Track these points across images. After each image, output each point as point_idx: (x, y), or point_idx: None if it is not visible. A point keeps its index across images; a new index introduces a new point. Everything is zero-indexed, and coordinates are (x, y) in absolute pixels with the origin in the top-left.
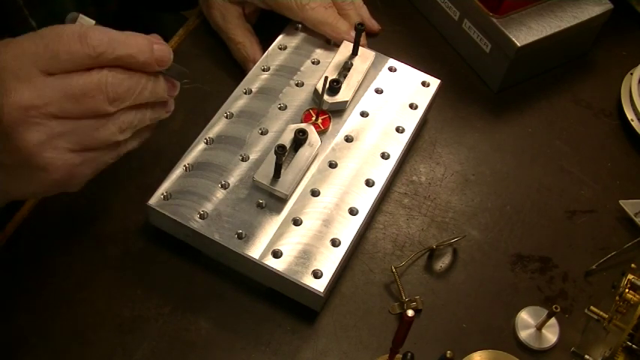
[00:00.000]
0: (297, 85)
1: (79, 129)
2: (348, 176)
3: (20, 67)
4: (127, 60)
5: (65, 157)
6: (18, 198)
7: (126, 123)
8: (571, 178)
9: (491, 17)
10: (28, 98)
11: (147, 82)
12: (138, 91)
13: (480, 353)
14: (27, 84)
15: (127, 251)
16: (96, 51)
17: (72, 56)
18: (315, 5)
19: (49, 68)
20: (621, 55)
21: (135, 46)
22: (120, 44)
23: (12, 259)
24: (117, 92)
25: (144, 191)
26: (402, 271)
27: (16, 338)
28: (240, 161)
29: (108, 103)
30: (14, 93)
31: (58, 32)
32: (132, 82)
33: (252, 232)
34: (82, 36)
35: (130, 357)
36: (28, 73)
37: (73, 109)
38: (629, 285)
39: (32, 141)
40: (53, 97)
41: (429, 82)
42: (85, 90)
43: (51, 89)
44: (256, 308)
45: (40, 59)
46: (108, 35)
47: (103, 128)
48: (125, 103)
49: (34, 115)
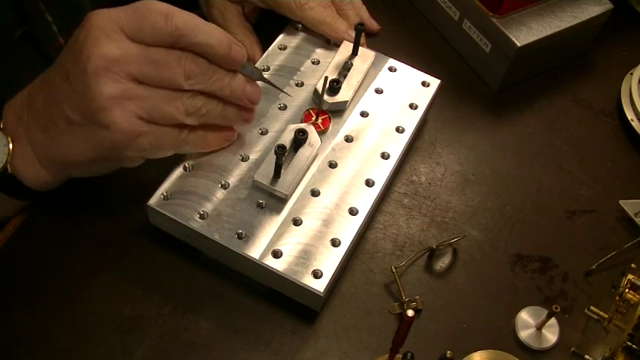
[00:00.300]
0: (297, 85)
1: (151, 98)
2: (348, 176)
3: (110, 29)
4: (204, 48)
5: (131, 120)
6: (72, 167)
7: (193, 106)
8: (571, 178)
9: (491, 17)
10: (114, 53)
11: (224, 75)
12: (213, 78)
13: (480, 353)
14: (115, 42)
15: (127, 251)
16: (178, 31)
17: (155, 31)
18: (313, 5)
19: (134, 37)
20: (621, 55)
21: (216, 38)
22: (202, 32)
23: (12, 259)
24: (193, 70)
25: (144, 191)
26: (402, 271)
27: (16, 338)
28: (240, 161)
29: (184, 78)
30: (102, 46)
31: (149, 7)
32: (208, 67)
33: (252, 232)
34: (169, 15)
35: (130, 357)
36: (116, 34)
37: (151, 73)
38: (629, 285)
39: (107, 93)
40: (136, 58)
41: (429, 82)
42: (166, 59)
43: (135, 51)
44: (256, 308)
45: (127, 27)
46: (193, 20)
47: (172, 103)
48: (199, 84)
49: (115, 70)
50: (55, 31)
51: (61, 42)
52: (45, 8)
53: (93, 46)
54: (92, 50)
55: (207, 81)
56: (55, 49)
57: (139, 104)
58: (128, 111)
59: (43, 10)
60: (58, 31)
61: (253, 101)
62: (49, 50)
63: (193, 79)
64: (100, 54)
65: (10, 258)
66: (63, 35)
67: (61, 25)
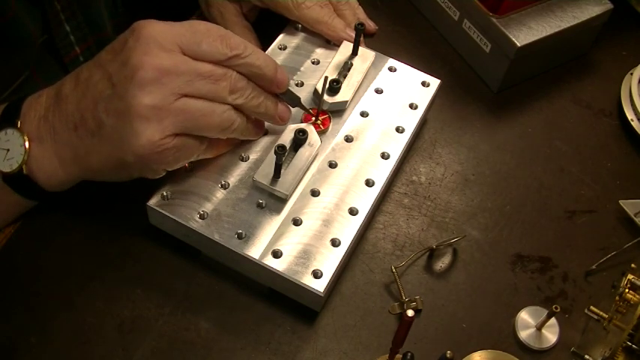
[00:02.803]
0: (297, 85)
1: (189, 110)
2: (348, 176)
3: (165, 40)
4: (252, 69)
5: (164, 135)
6: (92, 171)
7: (228, 121)
8: (571, 178)
9: (491, 17)
10: (166, 63)
11: (259, 93)
12: (252, 94)
13: (480, 353)
14: (169, 54)
15: (127, 251)
16: (232, 51)
17: (211, 48)
18: (310, 4)
19: (188, 51)
20: (621, 55)
21: (263, 61)
22: (252, 53)
23: (12, 259)
24: (237, 85)
25: (144, 191)
26: (402, 271)
27: (16, 338)
28: (240, 161)
29: (228, 92)
30: (156, 56)
31: (208, 27)
32: (251, 85)
33: (252, 232)
34: (225, 36)
35: (130, 357)
36: (170, 47)
37: (199, 85)
38: (629, 285)
39: (149, 103)
40: (185, 71)
41: (429, 82)
42: (213, 73)
43: (185, 64)
44: (256, 308)
45: (183, 41)
46: (245, 43)
47: (209, 117)
48: (240, 100)
49: (164, 81)
50: (72, 41)
51: (77, 52)
52: (64, 18)
53: (144, 55)
54: (144, 59)
55: (247, 96)
56: (72, 58)
57: (176, 118)
58: (164, 124)
59: (62, 21)
60: (75, 41)
61: (284, 120)
62: (66, 60)
63: (236, 93)
64: (152, 64)
65: (10, 258)
66: (79, 45)
67: (79, 36)
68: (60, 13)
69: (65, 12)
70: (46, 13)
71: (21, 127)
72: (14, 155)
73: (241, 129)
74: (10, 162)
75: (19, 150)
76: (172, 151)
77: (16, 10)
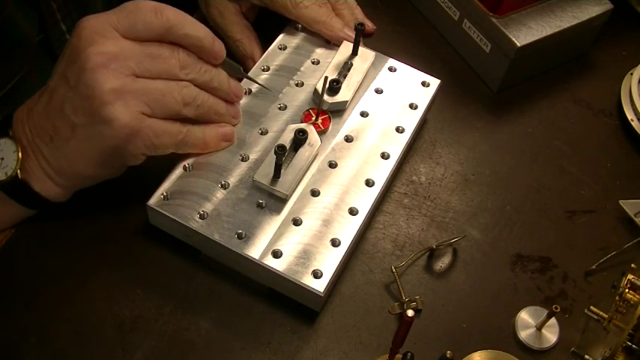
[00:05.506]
0: (297, 85)
1: (150, 91)
2: (348, 176)
3: (104, 29)
4: (192, 40)
5: (132, 114)
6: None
7: (189, 96)
8: (571, 178)
9: (491, 17)
10: (112, 49)
11: (210, 68)
12: (203, 69)
13: (480, 353)
14: (111, 40)
15: (127, 251)
16: (169, 23)
17: (147, 25)
18: (308, 3)
19: (127, 34)
20: (621, 55)
21: (202, 31)
22: (189, 24)
23: (12, 259)
24: (186, 60)
25: (144, 191)
26: (402, 271)
27: (16, 338)
28: (240, 161)
29: (179, 68)
30: (99, 44)
31: (137, 5)
32: (198, 59)
33: (252, 232)
34: (158, 10)
35: (130, 357)
36: (111, 34)
37: (148, 66)
38: (629, 285)
39: (107, 87)
40: (133, 53)
41: (428, 82)
42: (160, 52)
43: (131, 47)
44: (256, 308)
45: (120, 26)
46: (181, 14)
47: (169, 94)
48: (191, 74)
49: (114, 66)
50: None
51: None
52: (61, 17)
53: (89, 46)
54: (89, 49)
55: (198, 71)
56: None
57: (139, 98)
58: (129, 105)
59: (58, 20)
60: None
61: (238, 95)
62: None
63: (187, 68)
64: (97, 51)
65: (10, 258)
66: None
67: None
68: (56, 13)
69: (61, 11)
70: (42, 13)
71: (13, 135)
72: (8, 163)
73: (208, 105)
74: (5, 170)
75: (13, 157)
76: (149, 132)
77: (12, 9)
